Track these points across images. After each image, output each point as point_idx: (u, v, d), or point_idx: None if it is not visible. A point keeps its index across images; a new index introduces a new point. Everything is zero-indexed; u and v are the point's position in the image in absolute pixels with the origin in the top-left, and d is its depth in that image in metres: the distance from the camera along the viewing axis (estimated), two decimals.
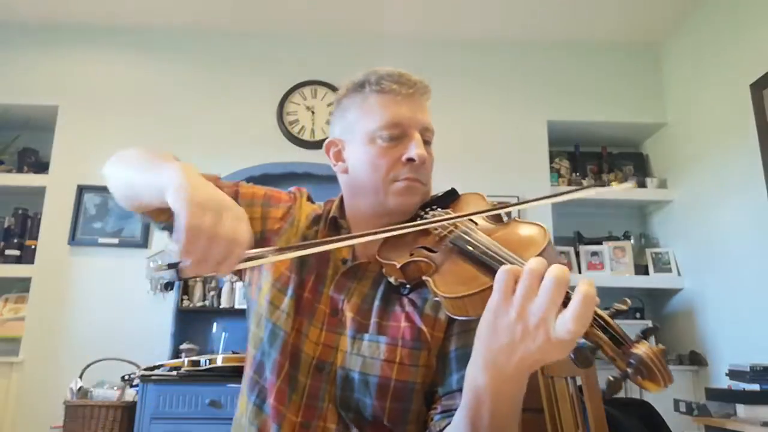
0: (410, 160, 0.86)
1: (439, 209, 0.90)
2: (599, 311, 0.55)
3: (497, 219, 0.86)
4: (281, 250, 0.78)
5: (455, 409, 0.73)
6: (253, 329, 0.91)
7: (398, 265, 0.78)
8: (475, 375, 0.62)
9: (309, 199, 1.04)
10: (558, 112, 3.33)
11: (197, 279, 3.01)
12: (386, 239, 0.85)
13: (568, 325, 0.51)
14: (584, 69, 3.41)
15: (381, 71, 0.90)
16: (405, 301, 0.86)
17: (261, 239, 0.93)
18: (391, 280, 0.82)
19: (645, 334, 0.53)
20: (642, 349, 0.51)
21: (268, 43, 3.37)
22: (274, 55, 3.36)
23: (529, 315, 0.54)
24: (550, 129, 3.31)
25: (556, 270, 0.53)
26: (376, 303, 0.87)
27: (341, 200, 0.98)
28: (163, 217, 0.91)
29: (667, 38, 3.35)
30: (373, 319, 0.85)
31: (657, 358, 0.50)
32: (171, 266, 0.66)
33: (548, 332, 0.52)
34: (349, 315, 0.86)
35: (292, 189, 1.04)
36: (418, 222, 0.80)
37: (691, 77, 3.13)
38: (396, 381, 0.81)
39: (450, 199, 0.94)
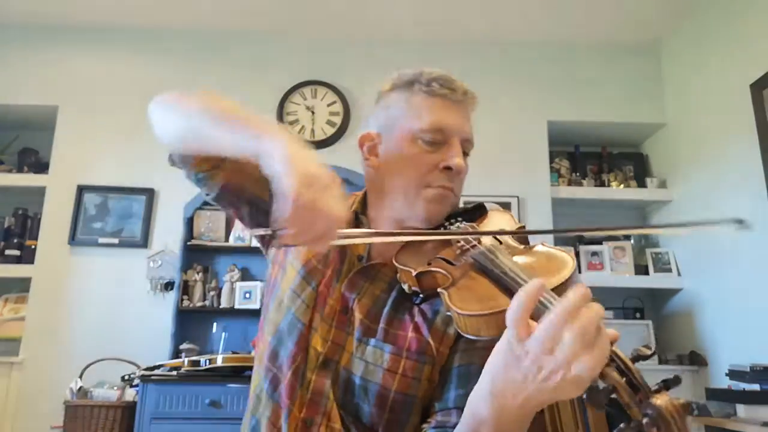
0: (448, 168, 0.84)
1: (464, 222, 0.87)
2: (620, 353, 0.52)
3: (523, 241, 0.83)
4: (375, 234, 0.78)
5: (450, 427, 0.71)
6: (272, 313, 0.89)
7: (414, 273, 0.77)
8: (477, 404, 0.60)
9: None
10: (558, 112, 3.33)
11: (197, 279, 3.01)
12: (405, 244, 0.83)
13: (583, 368, 0.48)
14: (584, 69, 3.41)
15: (433, 73, 0.88)
16: (416, 310, 0.84)
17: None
18: (405, 287, 0.80)
19: (667, 385, 0.50)
20: (661, 402, 0.47)
21: (268, 43, 3.37)
22: (274, 55, 3.36)
23: (545, 360, 0.50)
24: (550, 129, 3.31)
25: (590, 315, 0.49)
26: (386, 308, 0.84)
27: (364, 195, 0.95)
28: (206, 166, 0.89)
29: (667, 38, 3.35)
30: (381, 325, 0.83)
31: (678, 413, 0.47)
32: (273, 232, 0.67)
33: (566, 376, 0.49)
34: (358, 316, 0.84)
35: None
36: (451, 231, 0.79)
37: (691, 77, 3.13)
38: (396, 392, 0.79)
39: (477, 213, 0.92)
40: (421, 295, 0.79)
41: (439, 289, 0.71)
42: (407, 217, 0.87)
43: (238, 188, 0.91)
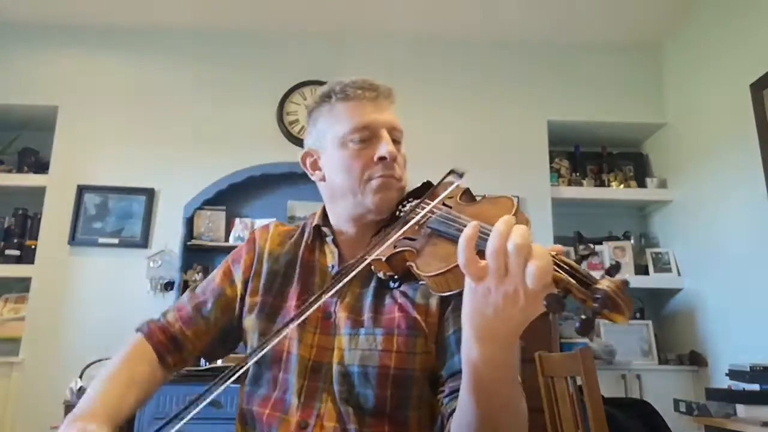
0: (382, 158, 0.90)
1: (413, 200, 0.93)
2: (564, 258, 0.58)
3: (471, 199, 0.89)
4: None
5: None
6: (248, 343, 0.97)
7: (384, 259, 0.82)
8: (468, 350, 0.64)
9: (281, 224, 1.09)
10: (558, 112, 3.33)
11: (197, 279, 3.00)
12: (371, 238, 0.90)
13: (534, 280, 0.53)
14: (584, 69, 3.41)
15: (345, 80, 0.95)
16: (396, 293, 0.89)
17: (244, 293, 0.99)
18: (380, 275, 0.85)
19: (609, 272, 0.55)
20: (605, 284, 0.54)
21: (268, 43, 3.37)
22: (274, 55, 3.36)
23: (504, 286, 0.56)
24: (550, 129, 3.31)
25: (516, 241, 0.55)
26: (369, 300, 0.90)
27: (323, 209, 1.02)
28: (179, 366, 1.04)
29: (667, 38, 3.35)
30: (367, 314, 0.88)
31: (619, 289, 0.53)
32: None
33: (525, 292, 0.55)
34: (342, 315, 0.89)
35: (255, 229, 1.10)
36: (406, 224, 0.84)
37: (691, 77, 3.13)
38: (395, 369, 0.83)
39: (425, 190, 0.97)
40: (397, 279, 0.85)
41: (407, 263, 0.78)
42: (362, 212, 0.93)
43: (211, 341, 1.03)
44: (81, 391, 2.51)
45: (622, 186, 3.35)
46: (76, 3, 3.14)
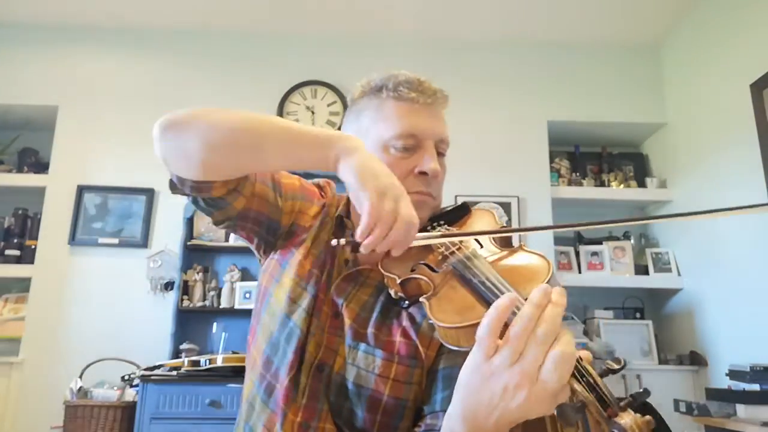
0: (423, 173, 0.84)
1: (446, 225, 0.87)
2: (590, 368, 0.52)
3: (505, 243, 0.82)
4: (447, 235, 0.79)
5: (437, 430, 0.71)
6: (266, 320, 0.89)
7: (398, 280, 0.78)
8: (453, 424, 0.59)
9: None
10: (558, 112, 3.33)
11: (197, 279, 3.01)
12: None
13: (549, 377, 0.48)
14: (584, 69, 3.41)
15: (400, 77, 0.88)
16: (404, 314, 0.84)
17: (288, 232, 0.92)
18: (391, 292, 0.81)
19: (635, 398, 0.50)
20: (627, 420, 0.48)
21: (268, 43, 3.37)
22: (274, 55, 3.36)
23: (511, 374, 0.51)
24: (550, 129, 3.31)
25: (544, 328, 0.50)
26: (375, 314, 0.85)
27: (348, 200, 0.95)
28: (224, 190, 0.82)
29: (667, 38, 3.35)
30: (370, 329, 0.84)
31: (641, 430, 0.48)
32: (353, 243, 0.71)
33: (531, 388, 0.50)
34: (347, 321, 0.85)
35: (321, 182, 1.01)
36: (432, 235, 0.79)
37: (691, 77, 3.13)
38: (388, 397, 0.80)
39: (460, 214, 0.91)
40: (407, 301, 0.80)
41: (421, 299, 0.72)
42: None
43: (257, 213, 0.89)
44: (81, 391, 2.51)
45: (622, 186, 3.35)
46: (77, 3, 3.14)
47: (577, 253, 3.26)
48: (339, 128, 3.16)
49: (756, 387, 2.25)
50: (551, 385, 0.49)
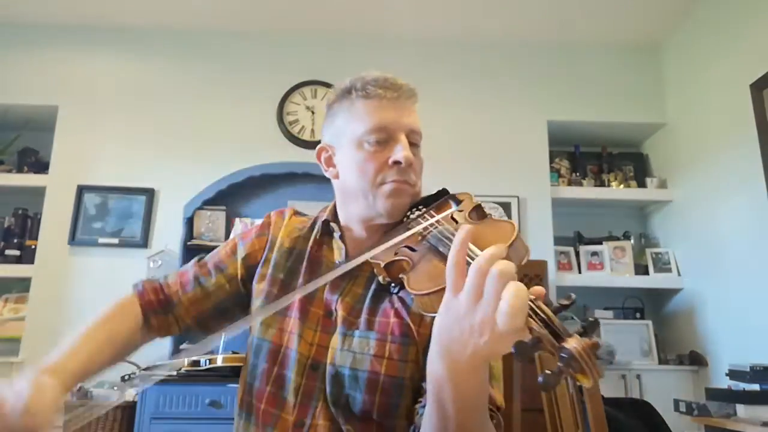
0: (396, 162, 0.88)
1: (424, 209, 0.92)
2: (543, 306, 0.55)
3: (481, 216, 0.86)
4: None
5: None
6: (247, 352, 0.96)
7: (383, 264, 0.81)
8: (433, 365, 0.64)
9: (297, 213, 1.08)
10: (558, 112, 3.33)
11: None
12: (377, 241, 0.87)
13: (505, 318, 0.52)
14: (584, 69, 3.41)
15: (367, 77, 0.92)
16: (395, 298, 0.88)
17: (249, 277, 0.99)
18: (380, 279, 0.84)
19: (584, 329, 0.53)
20: (572, 344, 0.50)
21: (268, 43, 3.37)
22: (274, 55, 3.36)
23: (475, 312, 0.55)
24: (550, 129, 3.31)
25: (499, 267, 0.53)
26: (367, 302, 0.89)
27: (335, 205, 1.01)
28: (163, 331, 1.05)
29: (667, 38, 3.35)
30: (363, 316, 0.88)
31: (586, 352, 0.50)
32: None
33: (493, 328, 0.54)
34: (341, 314, 0.89)
35: (271, 213, 1.08)
36: (407, 233, 0.82)
37: (691, 77, 3.13)
38: (385, 376, 0.82)
39: (439, 198, 0.95)
40: (395, 285, 0.83)
41: (401, 275, 0.76)
42: (372, 215, 0.92)
43: (213, 308, 1.03)
44: (81, 391, 2.51)
45: (622, 186, 3.35)
46: (77, 3, 3.14)
47: (577, 253, 3.26)
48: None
49: (756, 387, 2.25)
50: (508, 328, 0.52)
